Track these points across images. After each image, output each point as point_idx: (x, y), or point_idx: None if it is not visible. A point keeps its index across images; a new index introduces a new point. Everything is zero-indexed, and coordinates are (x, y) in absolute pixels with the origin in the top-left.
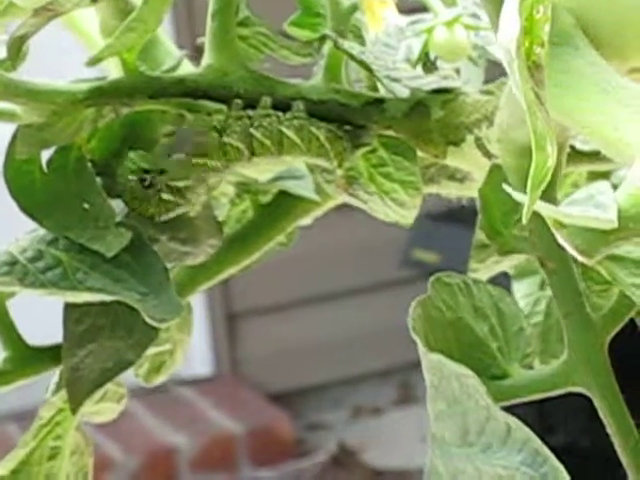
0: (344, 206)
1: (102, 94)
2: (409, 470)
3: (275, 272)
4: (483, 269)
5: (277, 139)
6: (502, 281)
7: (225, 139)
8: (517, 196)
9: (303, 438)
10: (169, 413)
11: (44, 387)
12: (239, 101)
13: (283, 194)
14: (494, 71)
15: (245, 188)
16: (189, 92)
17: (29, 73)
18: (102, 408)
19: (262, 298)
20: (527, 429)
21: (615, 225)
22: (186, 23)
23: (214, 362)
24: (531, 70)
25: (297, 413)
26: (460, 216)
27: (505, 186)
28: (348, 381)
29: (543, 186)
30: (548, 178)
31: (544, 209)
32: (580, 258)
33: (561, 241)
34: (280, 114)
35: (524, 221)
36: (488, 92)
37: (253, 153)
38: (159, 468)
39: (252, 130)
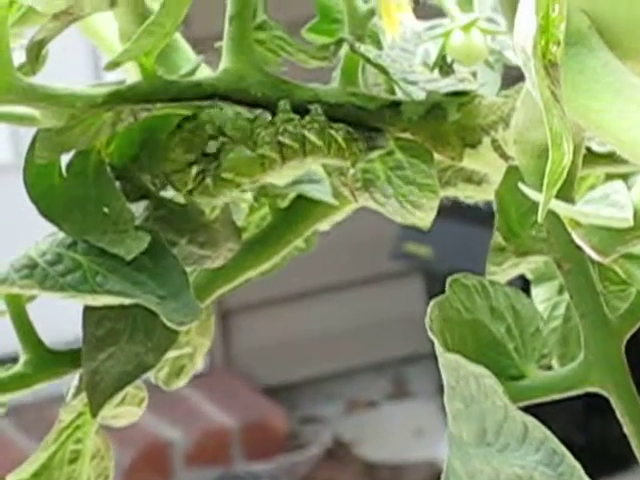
0: None
1: (121, 98)
2: (403, 464)
3: (262, 277)
4: (500, 272)
5: (302, 143)
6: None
7: (259, 151)
8: (534, 196)
9: (297, 432)
10: (163, 407)
11: None
12: (261, 110)
13: (301, 198)
14: (510, 76)
15: (263, 192)
16: (207, 96)
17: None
18: (122, 412)
19: (255, 292)
20: (544, 429)
21: (631, 224)
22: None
23: (208, 356)
24: (547, 68)
25: (291, 407)
26: (451, 210)
27: (521, 186)
28: (342, 375)
29: (559, 184)
30: (564, 176)
31: (560, 208)
32: (596, 257)
33: (577, 240)
34: (299, 117)
35: (540, 220)
36: (506, 96)
37: (284, 159)
38: (153, 462)
39: (280, 137)
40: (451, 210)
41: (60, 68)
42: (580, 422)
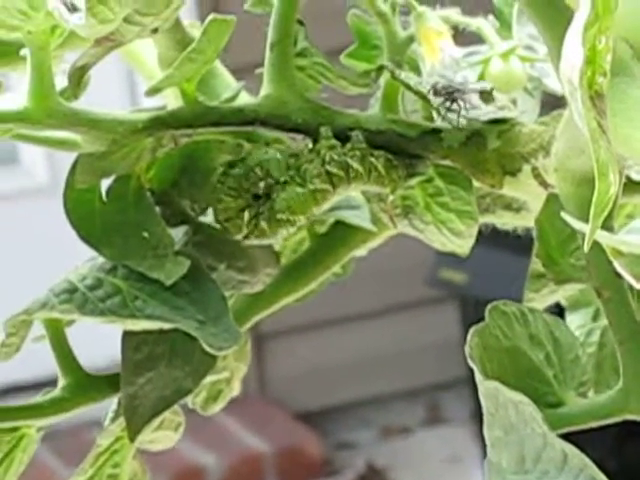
0: None
1: (162, 124)
2: None
3: (299, 302)
4: (538, 299)
5: (346, 172)
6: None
7: (310, 186)
8: (576, 225)
9: (331, 458)
10: (197, 433)
11: None
12: (304, 144)
13: (339, 224)
14: (549, 103)
15: None
16: (248, 121)
17: None
18: (159, 436)
19: (289, 318)
20: (583, 456)
21: None
22: None
23: (242, 382)
24: (593, 99)
25: (325, 433)
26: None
27: (564, 214)
28: (376, 401)
29: (605, 214)
30: (610, 206)
31: (604, 238)
32: (638, 286)
33: (619, 269)
34: (340, 144)
35: (586, 249)
36: (543, 123)
37: (335, 188)
38: None
39: (328, 167)
40: (487, 237)
41: (96, 93)
42: (614, 447)
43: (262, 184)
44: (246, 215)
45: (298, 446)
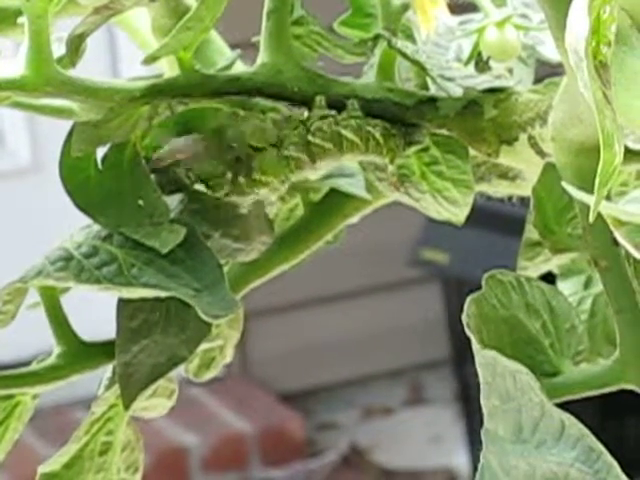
0: None
1: (159, 92)
2: (420, 471)
3: (284, 272)
4: (532, 267)
5: (337, 141)
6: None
7: (284, 152)
8: (576, 194)
9: (314, 438)
10: (180, 413)
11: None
12: (295, 110)
13: (334, 192)
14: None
15: (296, 186)
16: (244, 90)
17: None
18: (152, 404)
19: (272, 298)
20: (581, 425)
21: None
22: None
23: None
24: (598, 70)
25: (308, 413)
26: (470, 216)
27: (564, 184)
28: (359, 381)
29: (610, 185)
30: (616, 176)
31: (605, 207)
32: (639, 255)
33: (619, 239)
34: (335, 114)
35: (591, 219)
36: (536, 92)
37: (314, 159)
38: (170, 468)
39: (310, 137)
40: (468, 216)
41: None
42: (598, 423)
43: (244, 149)
44: (229, 175)
45: (281, 426)
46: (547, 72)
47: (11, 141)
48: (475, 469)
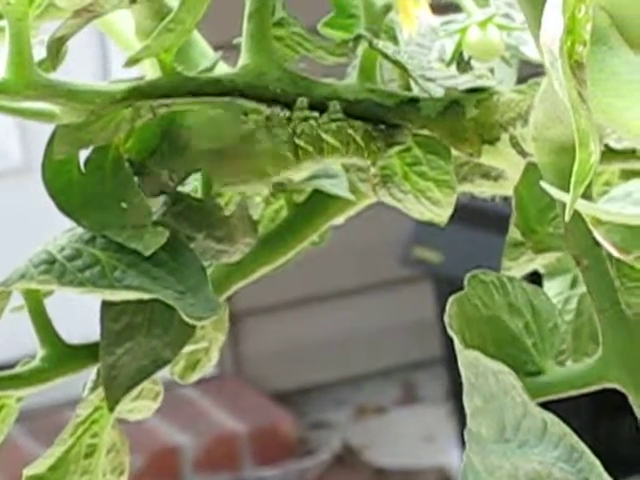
0: None
1: (140, 94)
2: (412, 469)
3: (277, 271)
4: (516, 267)
5: (318, 145)
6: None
7: (276, 149)
8: (556, 194)
9: (306, 437)
10: (172, 412)
11: None
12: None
13: (318, 193)
14: (525, 71)
15: (280, 187)
16: (226, 92)
17: None
18: (138, 406)
19: (264, 297)
20: (564, 425)
21: None
22: None
23: (217, 361)
24: (573, 69)
25: (300, 412)
26: (461, 214)
27: (543, 184)
28: (351, 380)
29: (586, 183)
30: (591, 175)
31: (583, 206)
32: (618, 255)
33: (599, 238)
34: (317, 115)
35: (566, 218)
36: (520, 92)
37: (299, 159)
38: (162, 467)
39: (296, 139)
40: (461, 216)
41: (68, 64)
42: (589, 422)
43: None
44: None
45: (273, 426)
46: (532, 72)
47: (1, 142)
48: None
